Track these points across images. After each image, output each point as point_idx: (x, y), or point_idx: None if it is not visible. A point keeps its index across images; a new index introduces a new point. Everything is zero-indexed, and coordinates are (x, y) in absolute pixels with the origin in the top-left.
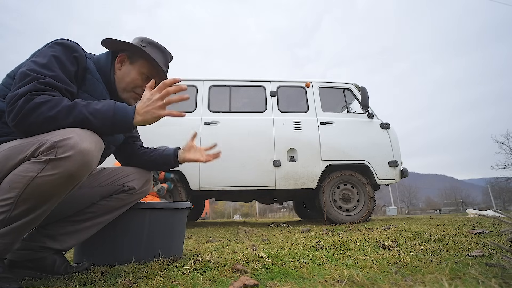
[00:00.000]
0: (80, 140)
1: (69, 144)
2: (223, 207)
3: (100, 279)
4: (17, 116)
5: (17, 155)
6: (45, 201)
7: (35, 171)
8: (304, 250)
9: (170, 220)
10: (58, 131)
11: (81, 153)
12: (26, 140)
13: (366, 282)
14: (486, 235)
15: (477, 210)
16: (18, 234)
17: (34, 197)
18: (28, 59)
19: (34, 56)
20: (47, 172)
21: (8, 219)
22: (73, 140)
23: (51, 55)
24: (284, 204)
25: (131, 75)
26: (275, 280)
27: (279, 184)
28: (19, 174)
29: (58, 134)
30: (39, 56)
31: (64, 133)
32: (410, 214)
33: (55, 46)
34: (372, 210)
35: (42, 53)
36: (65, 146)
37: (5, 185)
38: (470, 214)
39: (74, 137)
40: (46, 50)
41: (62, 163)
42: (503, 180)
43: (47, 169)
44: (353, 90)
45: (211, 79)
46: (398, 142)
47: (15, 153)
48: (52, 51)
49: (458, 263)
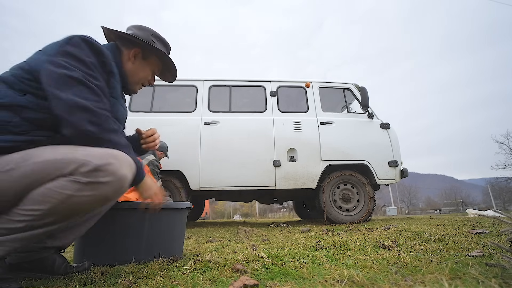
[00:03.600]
0: (120, 166)
1: (110, 170)
2: (223, 207)
3: (100, 279)
4: (96, 129)
5: (55, 171)
6: (70, 217)
7: (72, 190)
8: (304, 250)
9: (170, 220)
10: (99, 152)
11: (119, 180)
12: (64, 156)
13: (366, 282)
14: (486, 235)
15: (477, 210)
16: (30, 241)
17: (63, 212)
18: (46, 52)
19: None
20: (84, 192)
21: (29, 227)
22: (114, 167)
23: (87, 61)
24: (284, 204)
25: (145, 71)
26: (275, 280)
27: (279, 184)
28: (55, 189)
29: (100, 157)
30: (74, 59)
31: (106, 156)
32: (410, 214)
33: (84, 47)
34: (372, 210)
35: (74, 54)
36: (106, 171)
37: (37, 196)
38: (470, 214)
39: (115, 164)
40: (76, 51)
41: (100, 187)
42: (503, 180)
43: (84, 190)
44: (353, 90)
45: (211, 79)
46: (398, 142)
47: (51, 168)
48: (85, 55)
49: (458, 263)
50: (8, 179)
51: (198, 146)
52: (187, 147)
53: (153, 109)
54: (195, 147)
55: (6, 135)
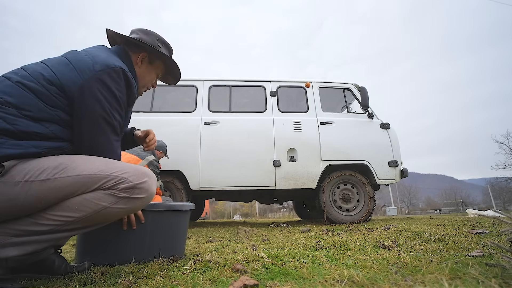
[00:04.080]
0: (152, 184)
1: (144, 188)
2: (223, 207)
3: (100, 279)
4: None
5: (94, 185)
6: (98, 224)
7: (109, 203)
8: (304, 250)
9: (173, 221)
10: (133, 169)
11: (150, 197)
12: (102, 171)
13: (366, 282)
14: (486, 235)
15: (477, 210)
16: (51, 243)
17: (92, 221)
18: (80, 72)
19: (102, 84)
20: (119, 205)
21: (54, 230)
22: (147, 184)
23: (120, 98)
24: (284, 204)
25: (151, 75)
26: (275, 280)
27: (279, 184)
28: (92, 200)
29: (135, 175)
30: (111, 94)
31: (141, 175)
32: (410, 214)
33: (120, 82)
34: (372, 210)
35: (111, 88)
36: (142, 189)
37: (73, 205)
38: (470, 214)
39: (148, 182)
40: (114, 86)
41: (134, 201)
42: (503, 180)
43: (120, 203)
44: (353, 90)
45: (211, 79)
46: (398, 142)
47: (90, 182)
48: (120, 92)
49: (458, 263)
50: (40, 188)
51: (198, 146)
52: (187, 147)
53: (153, 109)
54: (195, 147)
55: (34, 141)
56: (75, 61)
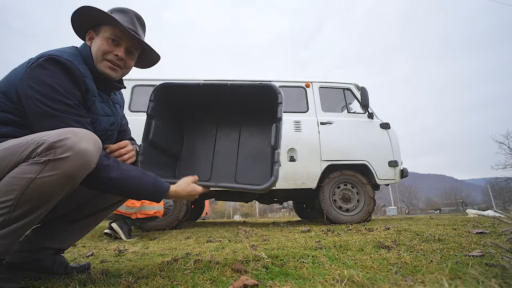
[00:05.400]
0: (78, 140)
1: (67, 145)
2: (223, 207)
3: (100, 279)
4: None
5: (14, 156)
6: (45, 202)
7: (34, 173)
8: (304, 250)
9: None
10: (55, 131)
11: (79, 154)
12: (22, 140)
13: (366, 282)
14: (486, 235)
15: (477, 210)
16: (18, 235)
17: (33, 198)
18: (24, 78)
19: (35, 81)
20: (46, 173)
21: (8, 220)
22: (71, 141)
23: (54, 84)
24: (284, 204)
25: (97, 43)
26: (275, 280)
27: (279, 184)
28: (17, 176)
29: (55, 134)
30: (42, 87)
31: (61, 132)
32: (410, 214)
33: (51, 69)
34: (372, 210)
35: (40, 81)
36: (63, 146)
37: (3, 187)
38: (470, 214)
39: (72, 137)
40: (44, 75)
41: (61, 164)
42: (503, 180)
43: (46, 170)
44: (353, 90)
45: (211, 79)
46: (398, 142)
47: (11, 153)
48: (53, 78)
49: (458, 263)
50: None
51: None
52: None
53: None
54: None
55: None
56: (18, 66)
